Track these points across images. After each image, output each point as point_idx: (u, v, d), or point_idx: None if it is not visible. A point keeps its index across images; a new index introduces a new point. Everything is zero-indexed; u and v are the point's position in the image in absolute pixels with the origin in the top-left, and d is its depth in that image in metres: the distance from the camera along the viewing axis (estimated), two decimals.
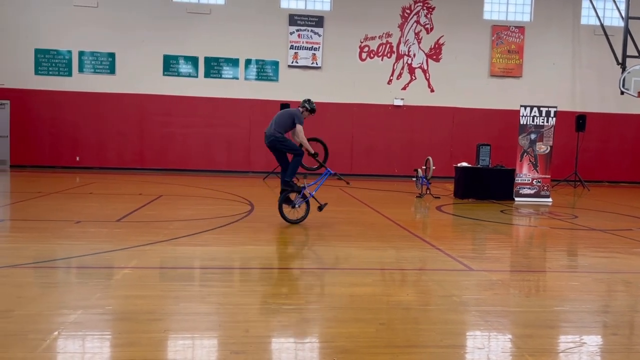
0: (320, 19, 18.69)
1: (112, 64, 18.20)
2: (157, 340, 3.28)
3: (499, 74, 19.53)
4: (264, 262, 5.68)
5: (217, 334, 3.46)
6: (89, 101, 18.04)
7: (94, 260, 5.32)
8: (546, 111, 12.46)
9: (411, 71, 19.33)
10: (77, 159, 18.18)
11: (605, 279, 5.27)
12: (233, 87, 18.62)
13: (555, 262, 6.21)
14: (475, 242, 7.46)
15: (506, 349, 3.38)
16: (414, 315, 3.91)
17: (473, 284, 4.84)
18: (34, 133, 17.93)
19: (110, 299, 4.06)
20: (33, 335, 3.26)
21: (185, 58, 18.44)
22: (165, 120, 18.39)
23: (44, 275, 4.83)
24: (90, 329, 3.42)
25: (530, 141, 12.47)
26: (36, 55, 17.90)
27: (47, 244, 6.08)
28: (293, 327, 3.61)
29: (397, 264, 5.72)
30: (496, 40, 19.40)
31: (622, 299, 4.67)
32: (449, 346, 3.34)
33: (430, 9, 19.24)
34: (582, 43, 19.80)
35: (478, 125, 18.95)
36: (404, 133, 19.13)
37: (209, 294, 4.29)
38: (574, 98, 19.82)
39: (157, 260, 5.51)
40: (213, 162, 18.67)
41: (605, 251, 6.72)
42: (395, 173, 18.91)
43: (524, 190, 12.49)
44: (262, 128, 18.39)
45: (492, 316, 3.90)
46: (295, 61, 18.71)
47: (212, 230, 7.12)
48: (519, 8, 19.68)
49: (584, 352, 3.34)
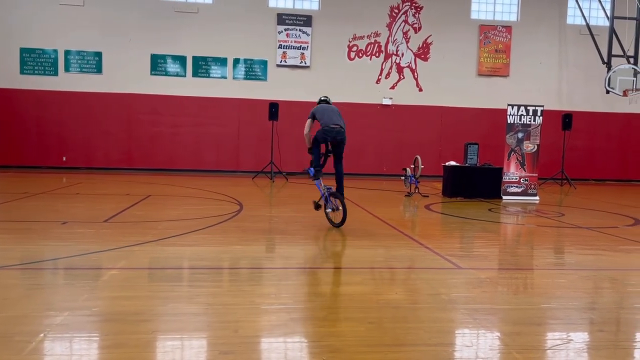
0: (308, 18, 18.68)
1: (98, 64, 18.05)
2: (145, 342, 3.26)
3: (486, 73, 19.65)
4: (253, 262, 5.67)
5: (206, 335, 3.44)
6: (76, 101, 17.88)
7: (81, 261, 5.27)
8: (533, 110, 12.56)
9: (399, 70, 19.39)
10: (63, 159, 18.01)
11: (591, 276, 5.32)
12: (221, 86, 18.55)
13: (542, 260, 6.26)
14: (464, 240, 7.51)
15: (494, 346, 3.40)
16: (403, 314, 3.92)
17: (461, 282, 4.87)
18: (19, 133, 17.73)
19: (97, 300, 4.03)
20: (19, 338, 3.22)
21: (173, 57, 18.34)
22: (153, 120, 18.27)
23: (30, 277, 4.78)
24: (77, 331, 3.39)
25: (517, 140, 12.56)
26: (22, 54, 17.70)
27: (33, 245, 6.02)
28: (282, 326, 3.60)
29: (386, 262, 5.73)
30: (483, 40, 19.52)
31: (608, 296, 4.72)
32: (438, 344, 3.36)
33: (419, 9, 19.31)
34: (568, 42, 19.99)
35: (466, 124, 19.05)
36: (392, 132, 19.17)
37: (197, 294, 4.27)
38: (560, 97, 20.01)
39: (145, 260, 5.47)
40: (201, 162, 18.59)
41: (592, 249, 6.79)
42: (384, 172, 18.96)
43: (512, 188, 12.58)
44: (250, 127, 18.62)
45: (480, 314, 3.92)
46: (283, 60, 18.69)
47: (200, 230, 7.09)
48: (506, 8, 19.83)
49: (571, 348, 3.37)
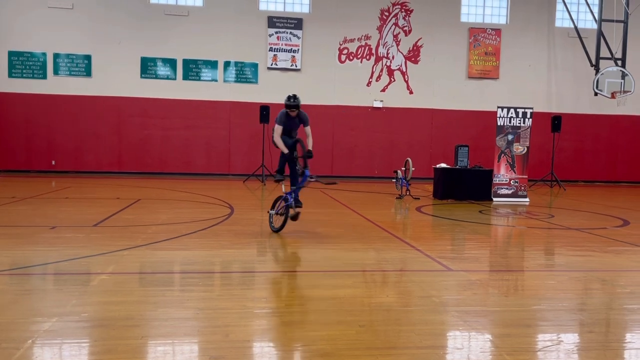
0: (299, 21, 18.69)
1: (88, 67, 17.93)
2: (134, 347, 3.23)
3: (476, 76, 19.76)
4: (244, 266, 5.65)
5: (197, 340, 3.42)
6: (65, 104, 17.75)
7: (70, 266, 5.23)
8: (522, 112, 12.64)
9: (390, 73, 19.45)
10: (52, 162, 17.86)
11: (581, 277, 5.35)
12: (212, 89, 18.50)
13: (532, 262, 6.29)
14: (454, 242, 7.53)
15: (485, 348, 3.41)
16: (394, 316, 3.92)
17: (452, 285, 4.88)
18: (7, 137, 17.56)
19: (86, 305, 3.99)
20: (6, 344, 3.18)
21: (163, 60, 18.26)
22: (143, 123, 18.18)
23: (18, 283, 4.73)
24: (65, 337, 3.35)
25: (507, 142, 12.63)
26: (10, 57, 17.55)
27: (21, 251, 5.96)
28: (273, 330, 3.59)
29: (377, 265, 5.73)
30: (473, 43, 19.63)
31: (597, 297, 4.75)
32: (429, 347, 3.36)
33: (409, 12, 19.39)
34: (557, 45, 20.16)
35: (456, 126, 19.15)
36: (383, 134, 19.22)
37: (188, 298, 4.24)
38: (549, 99, 20.16)
39: (135, 265, 5.43)
40: (192, 165, 18.52)
41: (581, 250, 6.83)
42: (375, 174, 18.99)
43: (502, 190, 12.65)
44: (241, 130, 18.59)
45: (471, 316, 3.93)
46: (274, 63, 18.68)
47: (191, 234, 7.05)
48: (495, 11, 19.96)
49: (561, 350, 3.39)
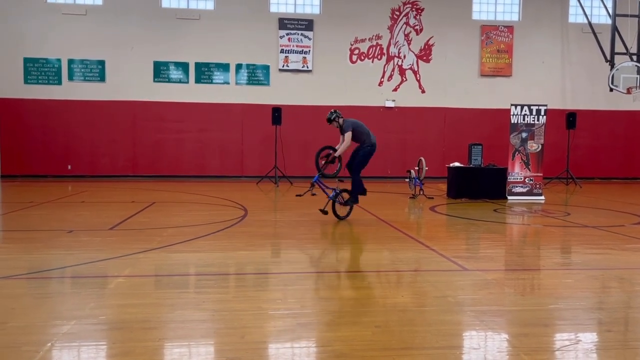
0: (310, 22, 18.71)
1: (102, 72, 18.12)
2: (152, 349, 3.26)
3: (489, 74, 19.61)
4: (259, 267, 5.67)
5: (213, 341, 3.44)
6: (80, 109, 17.94)
7: (87, 269, 5.29)
8: (537, 109, 12.52)
9: (402, 72, 19.38)
10: (68, 167, 18.06)
11: (599, 276, 5.29)
12: (224, 92, 18.58)
13: (549, 260, 6.23)
14: (469, 241, 7.48)
15: (502, 348, 3.38)
16: (409, 316, 3.91)
17: (468, 284, 4.85)
18: (24, 142, 17.80)
19: (104, 308, 4.03)
20: (26, 347, 3.23)
21: (175, 64, 18.39)
22: (157, 127, 18.31)
23: (37, 286, 4.80)
24: (84, 340, 3.40)
25: (521, 140, 12.52)
26: (25, 64, 17.80)
27: (39, 254, 6.04)
28: (289, 332, 3.60)
29: (392, 265, 5.72)
30: (485, 40, 19.49)
31: (616, 296, 4.70)
32: (445, 347, 3.34)
33: (420, 10, 19.31)
34: (571, 41, 19.94)
35: (469, 125, 19.01)
36: (396, 134, 19.14)
37: (204, 300, 4.27)
38: (563, 96, 19.94)
39: (151, 267, 5.48)
40: (206, 168, 18.61)
41: (599, 248, 6.75)
42: (388, 174, 18.92)
43: (517, 188, 12.54)
44: (254, 132, 18.69)
45: (487, 316, 3.91)
46: (286, 65, 18.71)
47: (206, 236, 7.09)
48: (508, 8, 19.79)
49: (579, 349, 3.35)
